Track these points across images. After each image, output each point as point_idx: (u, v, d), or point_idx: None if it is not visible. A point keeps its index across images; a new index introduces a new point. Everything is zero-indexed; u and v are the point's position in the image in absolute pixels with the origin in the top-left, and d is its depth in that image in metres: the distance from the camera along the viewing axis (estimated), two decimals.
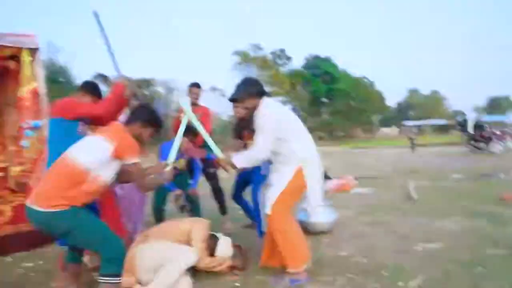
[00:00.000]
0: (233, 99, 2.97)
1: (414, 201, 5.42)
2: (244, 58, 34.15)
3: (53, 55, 31.00)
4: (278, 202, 2.75)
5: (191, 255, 2.65)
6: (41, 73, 4.35)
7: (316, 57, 40.90)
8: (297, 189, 2.80)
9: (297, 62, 40.80)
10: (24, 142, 4.27)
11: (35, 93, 4.25)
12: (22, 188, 4.84)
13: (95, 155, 2.24)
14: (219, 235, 3.02)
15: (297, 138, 2.81)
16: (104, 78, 34.56)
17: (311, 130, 3.17)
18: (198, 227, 2.91)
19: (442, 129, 43.87)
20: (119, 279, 2.26)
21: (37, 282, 2.93)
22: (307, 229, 4.00)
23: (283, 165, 2.81)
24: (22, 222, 3.91)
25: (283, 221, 2.76)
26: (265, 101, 2.85)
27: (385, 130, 52.32)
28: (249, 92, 2.84)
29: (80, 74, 34.77)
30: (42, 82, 4.36)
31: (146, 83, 32.85)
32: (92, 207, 2.84)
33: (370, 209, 5.01)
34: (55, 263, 3.13)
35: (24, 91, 4.25)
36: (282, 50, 39.09)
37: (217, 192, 4.45)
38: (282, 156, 2.81)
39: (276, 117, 2.76)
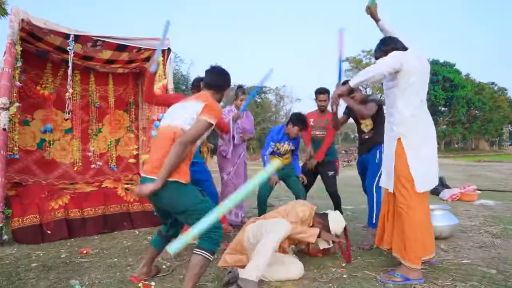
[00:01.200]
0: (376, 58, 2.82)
1: None
2: (356, 64, 33.11)
3: (177, 65, 34.50)
4: (401, 186, 2.57)
5: (284, 225, 2.60)
6: (170, 72, 4.88)
7: (435, 62, 37.58)
8: (405, 168, 2.55)
9: None
10: (153, 132, 4.84)
11: (165, 89, 4.78)
12: None
13: (188, 113, 2.32)
14: (328, 211, 3.05)
15: (410, 96, 2.58)
16: None
17: None
18: (298, 204, 3.00)
19: None
20: (212, 257, 2.25)
21: None
22: None
23: (390, 135, 2.69)
24: (148, 203, 4.43)
25: (410, 208, 2.54)
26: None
27: None
28: (382, 50, 2.71)
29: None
30: (171, 79, 4.88)
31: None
32: (212, 192, 3.11)
33: (498, 221, 4.40)
34: None
35: (156, 87, 4.83)
36: None
37: (334, 196, 4.34)
38: (392, 116, 2.66)
39: (407, 57, 2.55)
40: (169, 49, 4.84)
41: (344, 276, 2.66)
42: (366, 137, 3.71)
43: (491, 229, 4.02)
